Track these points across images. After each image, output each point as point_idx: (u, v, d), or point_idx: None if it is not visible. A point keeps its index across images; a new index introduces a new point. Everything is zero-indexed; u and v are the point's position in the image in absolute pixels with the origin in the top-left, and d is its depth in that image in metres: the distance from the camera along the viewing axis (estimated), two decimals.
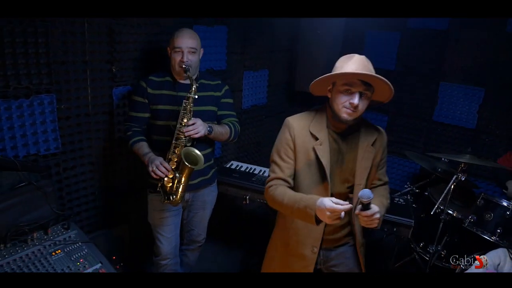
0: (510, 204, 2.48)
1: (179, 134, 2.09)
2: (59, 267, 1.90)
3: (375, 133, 1.77)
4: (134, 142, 2.19)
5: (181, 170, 2.11)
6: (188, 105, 2.07)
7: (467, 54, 3.35)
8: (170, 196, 2.16)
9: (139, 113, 2.22)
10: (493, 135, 3.35)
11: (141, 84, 2.21)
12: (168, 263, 2.42)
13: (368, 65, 1.60)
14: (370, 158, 1.74)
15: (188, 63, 2.10)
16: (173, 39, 2.15)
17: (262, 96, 3.67)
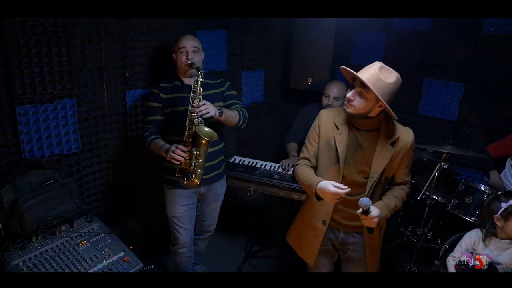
0: (487, 188, 2.76)
1: (192, 116, 2.20)
2: (87, 256, 2.10)
3: (396, 134, 1.89)
4: (150, 140, 2.30)
5: (197, 147, 2.20)
6: (197, 89, 2.20)
7: (448, 52, 3.58)
8: (189, 175, 2.23)
9: (155, 116, 2.38)
10: (473, 126, 3.62)
11: (153, 91, 2.38)
12: (185, 251, 2.63)
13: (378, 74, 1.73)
14: (387, 157, 1.87)
15: (192, 60, 2.30)
16: (177, 43, 2.36)
17: (259, 94, 3.88)
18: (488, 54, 3.40)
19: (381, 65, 1.77)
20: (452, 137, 3.29)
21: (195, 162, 2.20)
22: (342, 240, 2.11)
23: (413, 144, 1.94)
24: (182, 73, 2.41)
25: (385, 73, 1.75)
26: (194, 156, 2.19)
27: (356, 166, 1.93)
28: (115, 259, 2.14)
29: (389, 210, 1.89)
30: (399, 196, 1.97)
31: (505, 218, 2.11)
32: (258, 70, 3.77)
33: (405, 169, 1.99)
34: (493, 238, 2.18)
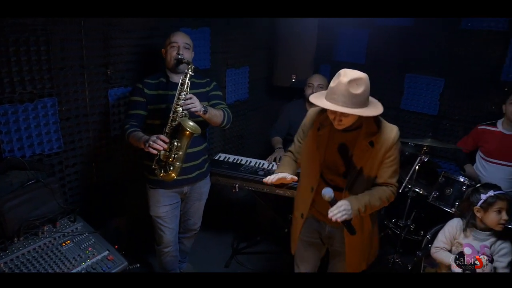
0: (465, 179, 2.83)
1: (177, 107, 2.17)
2: (70, 256, 2.08)
3: (375, 132, 1.83)
4: (129, 132, 2.24)
5: (179, 139, 2.17)
6: (185, 81, 2.17)
7: (428, 48, 3.66)
8: (167, 167, 2.19)
9: (137, 110, 2.33)
10: (453, 120, 3.71)
11: (138, 86, 2.36)
12: (170, 250, 2.63)
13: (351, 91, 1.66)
14: (365, 156, 1.84)
15: (183, 55, 2.28)
16: (169, 38, 2.35)
17: (244, 91, 3.90)
18: (466, 49, 3.49)
19: (348, 80, 1.67)
20: (432, 131, 3.38)
21: (175, 154, 2.16)
22: (329, 234, 2.13)
23: (396, 143, 1.84)
24: (170, 68, 2.38)
25: (354, 86, 1.67)
26: (174, 148, 2.16)
27: (336, 165, 1.93)
28: (99, 258, 2.12)
29: (360, 203, 1.80)
30: (376, 195, 1.87)
31: (485, 210, 2.17)
32: (242, 67, 3.79)
33: (388, 169, 1.88)
34: (473, 229, 2.24)
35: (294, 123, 3.39)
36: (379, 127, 1.84)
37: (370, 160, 1.85)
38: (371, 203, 1.83)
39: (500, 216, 2.11)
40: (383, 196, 1.87)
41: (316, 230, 2.16)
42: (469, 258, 2.09)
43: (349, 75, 1.68)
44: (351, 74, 1.69)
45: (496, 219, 2.12)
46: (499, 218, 2.11)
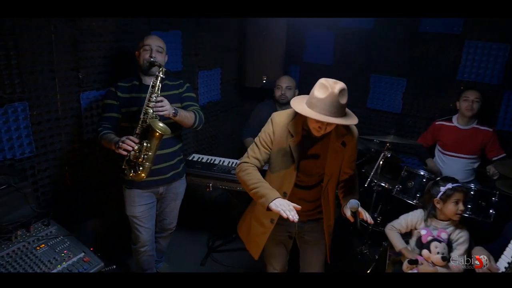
0: (426, 173, 3.03)
1: (147, 109, 2.21)
2: (45, 259, 2.10)
3: (345, 134, 1.95)
4: (102, 135, 2.26)
5: (149, 140, 2.20)
6: (156, 84, 2.21)
7: (391, 50, 3.86)
8: (137, 167, 2.22)
9: (111, 113, 2.36)
10: (415, 117, 3.92)
11: (111, 89, 2.39)
12: (146, 249, 2.65)
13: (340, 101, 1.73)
14: (340, 157, 1.98)
15: (155, 58, 2.31)
16: (142, 41, 2.39)
17: (216, 92, 3.97)
18: (425, 50, 3.71)
19: (338, 91, 1.72)
20: (396, 128, 3.57)
21: (144, 154, 2.19)
22: (299, 228, 2.22)
23: (357, 139, 2.03)
24: (143, 71, 2.41)
25: (343, 96, 1.75)
26: (144, 148, 2.18)
27: (311, 169, 2.01)
28: (75, 260, 2.15)
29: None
30: (354, 186, 2.11)
31: (444, 201, 2.34)
32: (214, 69, 3.86)
33: (353, 162, 2.09)
34: (433, 220, 2.41)
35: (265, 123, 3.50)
36: (347, 128, 1.97)
37: (343, 158, 2.00)
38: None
39: (458, 207, 2.29)
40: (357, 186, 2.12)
41: (286, 229, 2.23)
42: (424, 238, 2.26)
43: (338, 87, 1.73)
44: (338, 85, 1.74)
45: (454, 209, 2.29)
46: (457, 209, 2.29)
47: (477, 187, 2.84)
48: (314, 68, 4.24)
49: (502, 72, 3.42)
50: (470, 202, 2.80)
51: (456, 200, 2.30)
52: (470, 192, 2.82)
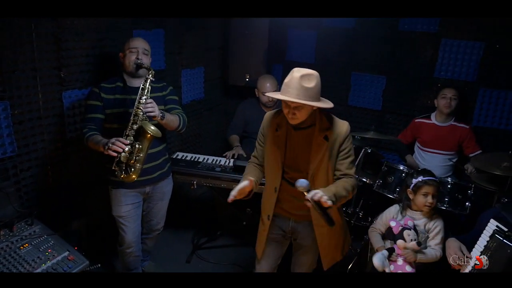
0: (405, 167, 3.12)
1: (137, 111, 2.25)
2: (29, 258, 2.10)
3: (328, 128, 1.97)
4: (88, 136, 2.29)
5: (141, 141, 2.25)
6: (146, 86, 2.26)
7: (371, 48, 3.94)
8: (128, 169, 2.26)
9: (95, 114, 2.37)
10: (395, 114, 4.01)
11: (94, 90, 2.38)
12: (132, 250, 2.66)
13: (303, 84, 1.81)
14: (322, 150, 1.96)
15: (142, 60, 2.35)
16: (128, 43, 2.40)
17: (200, 91, 3.99)
18: (404, 48, 3.80)
19: (300, 74, 1.83)
20: (377, 125, 3.66)
21: (136, 156, 2.24)
22: (293, 228, 2.24)
23: (348, 136, 2.00)
24: (129, 73, 2.41)
25: (306, 80, 1.83)
26: (136, 150, 2.23)
27: (296, 162, 2.05)
28: (59, 259, 2.16)
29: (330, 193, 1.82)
30: (341, 185, 1.94)
31: (415, 192, 2.45)
32: (197, 68, 3.88)
33: (344, 161, 2.02)
34: (408, 210, 2.50)
35: (250, 120, 3.54)
36: (331, 123, 2.00)
37: (327, 154, 1.98)
38: (338, 193, 1.88)
39: (426, 199, 2.39)
40: (347, 186, 1.94)
41: (279, 225, 2.25)
42: (395, 229, 2.33)
43: (302, 71, 1.84)
44: (303, 70, 1.85)
45: (423, 201, 2.40)
46: (425, 201, 2.39)
47: (453, 181, 2.95)
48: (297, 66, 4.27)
49: (477, 69, 3.54)
50: (447, 195, 2.91)
51: (425, 192, 2.40)
52: (447, 185, 2.93)
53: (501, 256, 1.73)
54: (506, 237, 1.75)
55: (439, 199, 2.87)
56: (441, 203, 2.87)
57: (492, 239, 1.80)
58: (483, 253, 1.83)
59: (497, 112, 3.55)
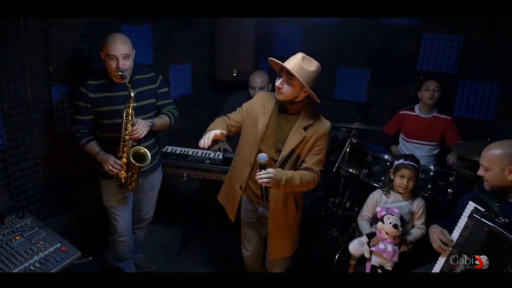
0: (389, 157, 3.22)
1: (125, 137, 2.36)
2: (22, 250, 2.11)
3: (311, 120, 2.09)
4: (84, 142, 2.41)
5: (131, 169, 2.41)
6: (129, 114, 2.33)
7: (355, 43, 4.04)
8: (127, 186, 2.47)
9: (84, 116, 2.41)
10: (379, 107, 4.13)
11: (81, 90, 2.36)
12: (124, 239, 2.70)
13: (302, 64, 1.99)
14: (298, 138, 2.08)
15: (124, 68, 2.27)
16: (106, 47, 2.25)
17: (188, 86, 4.03)
18: (387, 43, 3.90)
19: (303, 56, 2.02)
20: (362, 117, 3.75)
21: (130, 178, 2.46)
22: (262, 214, 2.36)
23: (326, 135, 2.10)
24: (112, 76, 2.38)
25: (307, 63, 2.00)
26: (129, 175, 2.44)
27: (273, 144, 2.16)
28: (51, 250, 2.17)
29: (283, 176, 1.99)
30: (298, 174, 2.07)
31: (394, 173, 2.57)
32: (185, 63, 3.91)
33: (314, 157, 2.12)
34: (391, 192, 2.61)
35: None
36: (315, 117, 2.12)
37: (302, 145, 2.10)
38: (292, 179, 2.03)
39: (402, 181, 2.51)
40: (303, 178, 2.08)
41: (252, 210, 2.40)
42: (379, 214, 2.42)
43: (306, 56, 2.03)
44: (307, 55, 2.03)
45: (399, 182, 2.53)
46: (401, 183, 2.51)
47: (436, 168, 3.06)
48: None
49: (457, 62, 3.66)
50: (430, 182, 3.02)
51: (402, 174, 2.53)
52: (430, 173, 3.04)
53: (478, 233, 1.84)
54: (483, 216, 1.86)
55: (422, 186, 2.99)
56: (424, 190, 2.98)
57: (470, 219, 1.91)
58: (462, 232, 1.93)
59: (476, 103, 3.68)
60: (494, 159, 1.93)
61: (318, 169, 2.14)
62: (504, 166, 1.89)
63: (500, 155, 1.91)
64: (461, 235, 1.94)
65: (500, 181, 1.93)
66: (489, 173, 1.96)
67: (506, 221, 1.81)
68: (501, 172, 1.90)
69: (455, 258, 1.91)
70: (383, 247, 2.34)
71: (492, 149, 1.96)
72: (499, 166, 1.91)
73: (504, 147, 1.93)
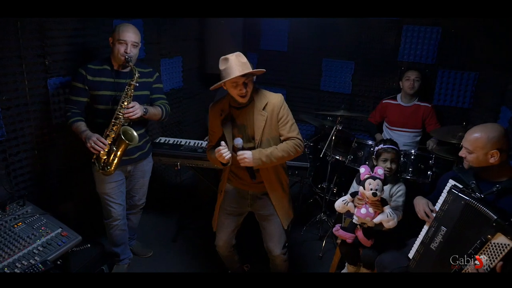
0: (373, 142, 3.38)
1: (119, 115, 2.43)
2: (24, 235, 2.21)
3: (265, 99, 2.27)
4: (73, 121, 2.46)
5: (117, 145, 2.47)
6: (129, 91, 2.42)
7: (340, 36, 4.19)
8: (105, 167, 2.49)
9: (79, 97, 2.51)
10: (363, 97, 4.30)
11: (80, 71, 2.49)
12: (119, 223, 2.81)
13: (241, 60, 2.13)
14: (263, 120, 2.24)
15: (130, 54, 2.44)
16: (118, 32, 2.44)
17: (178, 80, 4.13)
18: (370, 35, 4.07)
19: (234, 55, 2.17)
20: (347, 107, 3.92)
21: (113, 157, 2.47)
22: (252, 199, 2.49)
23: (282, 105, 2.27)
24: (115, 60, 2.51)
25: (240, 57, 2.16)
26: (113, 153, 2.45)
27: (245, 136, 2.30)
28: (53, 235, 2.27)
29: (261, 155, 2.19)
30: (279, 148, 2.24)
31: (377, 158, 2.72)
32: (175, 57, 4.01)
33: (285, 126, 2.28)
34: None
35: None
36: (266, 96, 2.29)
37: (268, 123, 2.26)
38: (272, 153, 2.21)
39: (386, 165, 2.65)
40: (285, 148, 2.24)
41: (237, 199, 2.51)
42: (362, 175, 2.47)
43: (232, 54, 2.17)
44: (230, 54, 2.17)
45: (383, 166, 2.64)
46: (385, 166, 2.64)
47: (416, 152, 3.23)
48: (271, 55, 4.51)
49: (435, 52, 3.85)
50: (411, 165, 3.19)
51: (384, 158, 2.67)
52: (411, 157, 3.21)
53: (456, 207, 2.00)
54: (460, 191, 2.02)
55: (404, 169, 3.15)
56: (405, 173, 3.15)
57: (449, 194, 2.07)
58: (442, 206, 2.09)
59: (454, 91, 3.88)
60: (479, 143, 1.98)
61: (295, 133, 2.29)
62: (488, 150, 1.96)
63: (485, 139, 1.96)
64: (441, 209, 2.09)
65: (481, 163, 2.02)
66: (471, 155, 2.03)
67: (481, 196, 1.96)
68: (484, 156, 1.98)
69: (435, 231, 2.07)
70: (364, 212, 2.42)
71: (477, 132, 2.00)
72: (483, 150, 1.98)
73: (488, 131, 1.98)
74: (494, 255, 1.76)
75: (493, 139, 1.96)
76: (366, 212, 2.42)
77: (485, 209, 1.84)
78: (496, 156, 1.96)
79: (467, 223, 1.93)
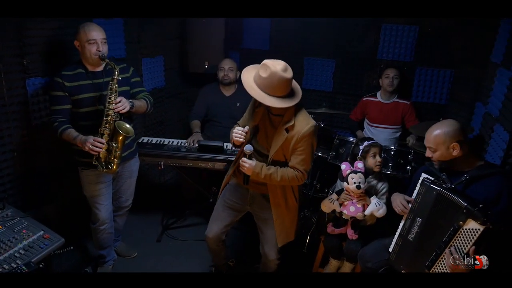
0: (354, 139, 3.45)
1: (109, 111, 2.40)
2: (5, 239, 2.17)
3: (291, 122, 2.15)
4: (62, 130, 2.42)
5: (116, 140, 2.45)
6: (113, 85, 2.40)
7: (321, 35, 4.23)
8: (108, 165, 2.48)
9: (62, 106, 2.46)
10: (344, 94, 4.36)
11: (56, 80, 2.43)
12: (106, 227, 2.78)
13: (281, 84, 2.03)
14: (281, 140, 2.17)
15: (103, 51, 2.44)
16: (84, 33, 2.40)
17: (160, 79, 4.11)
18: (350, 34, 4.13)
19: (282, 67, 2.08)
20: (329, 105, 3.98)
21: (114, 154, 2.46)
22: (251, 197, 2.49)
23: (306, 136, 2.13)
24: (89, 62, 2.50)
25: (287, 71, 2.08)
26: (114, 149, 2.45)
27: (264, 140, 2.31)
28: (35, 238, 2.24)
29: (263, 171, 2.20)
30: (279, 172, 2.21)
31: (364, 157, 2.75)
32: (157, 57, 3.99)
33: (298, 157, 2.20)
34: None
35: (211, 105, 3.73)
36: (295, 118, 2.18)
37: (285, 145, 2.20)
38: (272, 175, 2.21)
39: (376, 159, 2.71)
40: (285, 175, 2.21)
41: (239, 195, 2.52)
42: (344, 172, 2.57)
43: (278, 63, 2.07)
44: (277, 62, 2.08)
45: (373, 161, 2.71)
46: (375, 161, 2.71)
47: (396, 148, 3.31)
48: (252, 53, 4.52)
49: (413, 50, 3.95)
50: (390, 161, 3.26)
51: (373, 153, 2.72)
52: (391, 152, 3.29)
53: (428, 197, 2.10)
54: (432, 182, 2.12)
55: (384, 164, 3.23)
56: (385, 168, 3.22)
57: (422, 186, 2.17)
58: (416, 198, 2.17)
59: (431, 88, 3.99)
60: (438, 139, 2.11)
61: (302, 168, 2.22)
62: (448, 144, 2.09)
63: (443, 135, 2.09)
64: (415, 200, 2.19)
65: (446, 157, 2.14)
66: (436, 153, 2.16)
67: (451, 186, 2.07)
68: (447, 150, 2.11)
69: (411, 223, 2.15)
70: (353, 209, 2.51)
71: (434, 130, 2.15)
72: (444, 145, 2.11)
73: (444, 127, 2.12)
74: (467, 240, 1.84)
75: (449, 133, 2.09)
76: (355, 208, 2.50)
77: (456, 198, 1.94)
78: (457, 148, 2.08)
79: (440, 212, 2.02)
